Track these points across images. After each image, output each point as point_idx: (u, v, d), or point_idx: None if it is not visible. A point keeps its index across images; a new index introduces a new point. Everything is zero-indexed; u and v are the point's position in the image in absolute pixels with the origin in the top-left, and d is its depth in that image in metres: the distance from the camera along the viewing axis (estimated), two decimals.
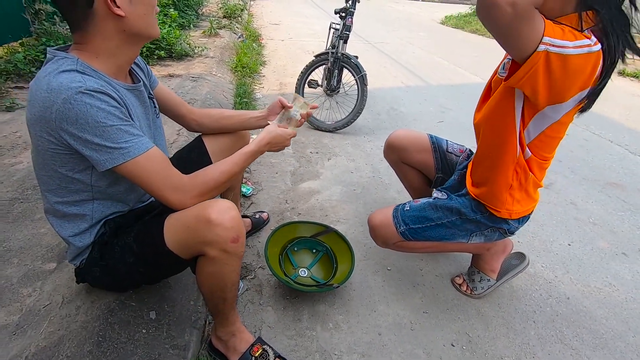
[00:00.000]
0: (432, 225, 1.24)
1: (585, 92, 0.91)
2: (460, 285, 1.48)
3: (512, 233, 1.27)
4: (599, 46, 0.85)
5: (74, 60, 0.79)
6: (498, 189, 1.15)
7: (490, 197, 1.17)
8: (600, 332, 1.36)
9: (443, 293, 1.47)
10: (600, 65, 0.88)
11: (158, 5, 0.91)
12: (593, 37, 0.86)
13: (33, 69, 2.83)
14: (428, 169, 1.51)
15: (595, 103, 0.97)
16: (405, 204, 1.30)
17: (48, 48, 0.84)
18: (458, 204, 1.22)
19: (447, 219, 1.23)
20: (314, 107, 1.25)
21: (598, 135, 3.17)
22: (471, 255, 1.48)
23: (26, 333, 0.98)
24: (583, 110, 0.99)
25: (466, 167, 1.31)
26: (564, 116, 0.98)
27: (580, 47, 0.84)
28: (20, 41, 3.11)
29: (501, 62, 1.12)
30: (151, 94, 1.06)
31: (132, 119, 0.86)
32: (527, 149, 1.06)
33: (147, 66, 1.10)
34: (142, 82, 0.99)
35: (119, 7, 0.79)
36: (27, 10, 3.15)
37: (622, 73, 5.21)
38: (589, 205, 2.16)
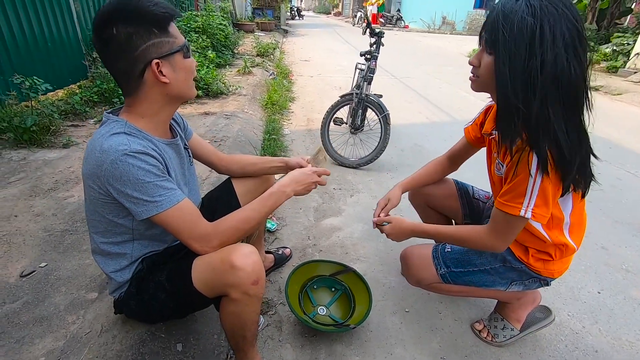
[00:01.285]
0: (474, 271, 1.22)
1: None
2: (480, 331, 1.46)
3: (549, 284, 1.25)
4: None
5: (122, 124, 0.93)
6: (538, 259, 1.17)
7: (533, 263, 1.18)
8: None
9: (462, 338, 1.46)
10: None
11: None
12: None
13: (87, 109, 3.16)
14: (454, 214, 1.53)
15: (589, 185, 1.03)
16: (445, 244, 1.28)
17: (105, 112, 0.99)
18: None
19: (490, 265, 1.22)
20: (325, 173, 1.30)
21: (633, 174, 3.04)
22: (495, 301, 1.47)
23: (69, 359, 1.09)
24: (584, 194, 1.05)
25: None
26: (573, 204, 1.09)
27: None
28: (78, 84, 3.51)
29: (491, 159, 1.18)
30: (186, 145, 1.20)
31: (168, 172, 0.98)
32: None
33: (184, 120, 1.25)
34: (179, 136, 1.13)
35: (164, 75, 0.93)
36: (86, 57, 3.58)
37: None
38: (621, 250, 2.07)
